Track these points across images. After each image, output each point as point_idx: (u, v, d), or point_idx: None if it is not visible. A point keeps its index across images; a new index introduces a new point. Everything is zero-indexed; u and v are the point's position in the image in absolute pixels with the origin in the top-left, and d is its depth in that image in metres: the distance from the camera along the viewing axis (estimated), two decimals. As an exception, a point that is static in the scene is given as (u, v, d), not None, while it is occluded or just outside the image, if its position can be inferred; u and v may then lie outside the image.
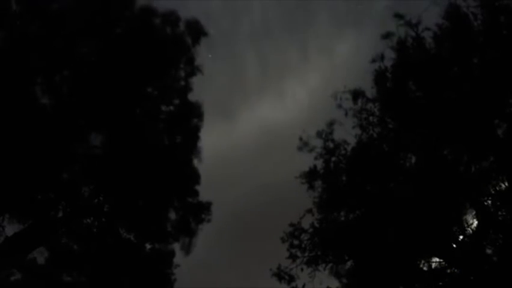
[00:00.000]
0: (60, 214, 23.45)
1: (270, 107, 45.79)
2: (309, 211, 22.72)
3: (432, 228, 20.40)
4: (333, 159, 23.12)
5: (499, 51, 20.20)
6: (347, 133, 22.95)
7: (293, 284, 21.99)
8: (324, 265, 22.30)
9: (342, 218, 22.76)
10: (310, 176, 23.11)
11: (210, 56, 25.99)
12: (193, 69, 25.82)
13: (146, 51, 24.12)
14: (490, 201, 20.80)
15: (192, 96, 25.86)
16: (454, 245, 21.09)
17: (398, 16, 22.19)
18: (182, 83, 25.75)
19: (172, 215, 24.92)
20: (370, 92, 22.97)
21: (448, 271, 21.16)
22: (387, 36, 22.58)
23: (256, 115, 45.21)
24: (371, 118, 22.94)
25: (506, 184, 20.41)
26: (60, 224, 23.56)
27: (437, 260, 21.27)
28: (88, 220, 24.06)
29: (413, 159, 22.17)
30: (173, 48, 25.06)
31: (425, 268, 21.46)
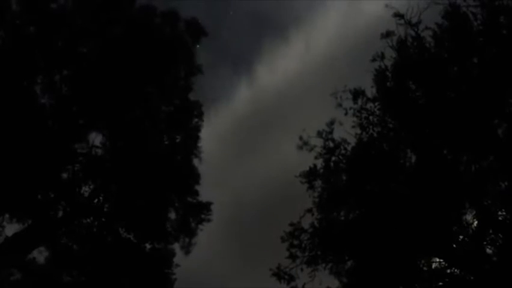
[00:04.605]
0: (60, 214, 23.54)
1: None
2: (309, 211, 22.66)
3: (432, 228, 20.35)
4: (333, 158, 23.05)
5: (499, 51, 20.16)
6: (347, 132, 22.91)
7: (293, 284, 21.92)
8: (324, 265, 22.25)
9: (342, 218, 22.70)
10: (310, 175, 23.04)
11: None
12: (193, 69, 25.86)
13: (146, 51, 24.16)
14: (490, 201, 20.75)
15: (192, 96, 25.98)
16: (454, 245, 21.04)
17: (398, 15, 22.14)
18: (183, 82, 25.80)
19: (172, 215, 25.03)
20: (370, 91, 22.94)
21: (448, 271, 21.12)
22: (387, 35, 22.53)
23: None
24: (371, 117, 22.87)
25: (506, 184, 20.37)
26: (60, 224, 23.63)
27: (437, 260, 21.23)
28: (88, 220, 24.13)
29: (413, 159, 22.10)
30: (173, 48, 25.07)
31: (425, 268, 21.42)
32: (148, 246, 24.41)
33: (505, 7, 20.55)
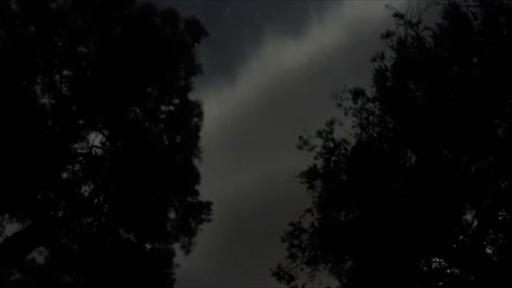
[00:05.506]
0: (60, 214, 23.57)
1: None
2: (309, 211, 22.64)
3: (432, 228, 20.34)
4: (333, 158, 23.01)
5: (499, 51, 20.15)
6: (347, 132, 22.88)
7: (293, 284, 21.90)
8: (324, 265, 22.23)
9: (342, 218, 22.68)
10: (310, 175, 23.02)
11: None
12: (193, 69, 25.85)
13: (146, 51, 24.19)
14: (490, 201, 20.73)
15: (191, 96, 25.97)
16: (454, 245, 21.04)
17: (398, 15, 22.13)
18: (182, 82, 25.80)
19: (172, 215, 25.05)
20: (370, 91, 22.92)
21: (448, 271, 21.12)
22: (387, 35, 22.52)
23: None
24: (371, 117, 22.85)
25: (506, 184, 20.36)
26: (60, 224, 23.65)
27: (437, 260, 21.22)
28: (88, 220, 24.16)
29: (413, 159, 22.09)
30: (173, 48, 25.07)
31: (425, 268, 21.41)
32: (148, 246, 24.49)
33: (505, 7, 20.52)
